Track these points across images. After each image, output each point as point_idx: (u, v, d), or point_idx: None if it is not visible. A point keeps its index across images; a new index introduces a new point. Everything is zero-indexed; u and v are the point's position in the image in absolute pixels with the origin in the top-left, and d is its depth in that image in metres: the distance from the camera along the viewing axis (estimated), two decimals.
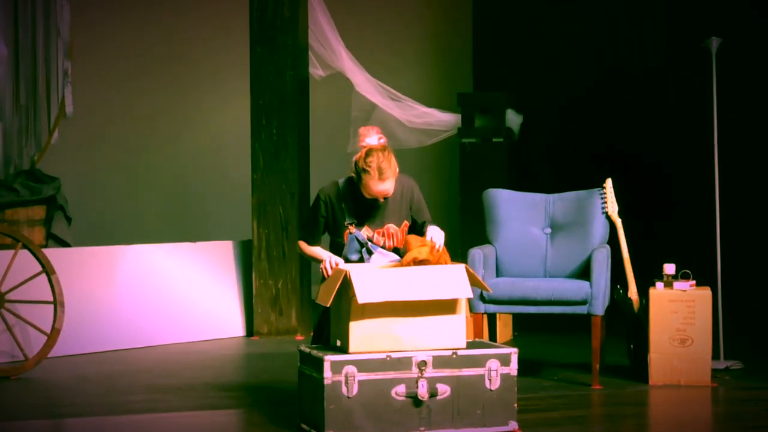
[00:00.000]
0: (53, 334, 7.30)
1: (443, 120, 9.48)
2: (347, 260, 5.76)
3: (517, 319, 8.59)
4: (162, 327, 8.49)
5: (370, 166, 5.62)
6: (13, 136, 8.44)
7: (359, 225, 5.76)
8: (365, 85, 9.33)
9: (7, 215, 7.97)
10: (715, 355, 7.01)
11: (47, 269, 7.33)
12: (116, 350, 8.16)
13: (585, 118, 10.15)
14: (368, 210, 5.76)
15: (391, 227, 5.78)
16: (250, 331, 8.98)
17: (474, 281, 5.53)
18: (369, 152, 5.65)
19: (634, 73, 10.03)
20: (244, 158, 9.17)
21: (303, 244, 5.88)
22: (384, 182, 5.64)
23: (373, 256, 5.75)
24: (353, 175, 5.71)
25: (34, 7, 8.41)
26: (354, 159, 5.70)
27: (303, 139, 9.03)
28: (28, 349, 7.38)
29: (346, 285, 5.38)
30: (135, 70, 10.67)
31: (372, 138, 5.70)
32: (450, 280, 5.44)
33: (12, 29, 8.43)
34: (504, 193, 7.18)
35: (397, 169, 5.70)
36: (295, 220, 8.84)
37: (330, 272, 5.57)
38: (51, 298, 7.34)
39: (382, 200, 5.72)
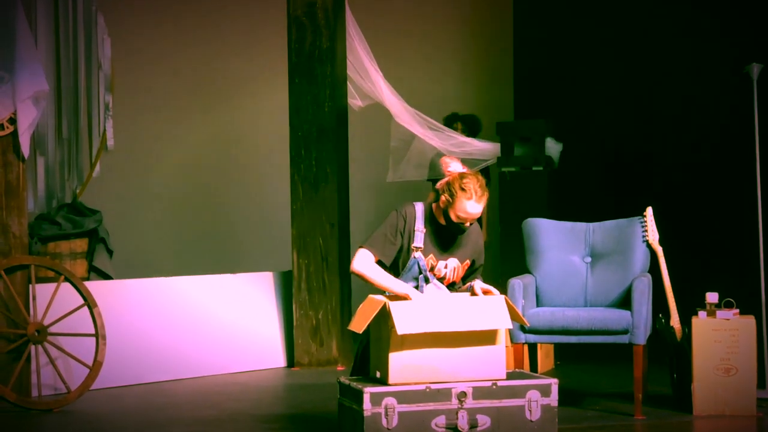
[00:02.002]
0: (95, 367, 7.33)
1: (483, 149, 9.47)
2: None
3: (559, 348, 8.54)
4: (203, 359, 8.51)
5: (468, 187, 5.65)
6: (55, 169, 8.51)
7: (425, 253, 5.76)
8: (404, 114, 9.35)
9: (49, 248, 8.04)
10: (761, 385, 6.93)
11: (89, 302, 7.37)
12: (158, 382, 8.18)
13: (625, 146, 10.11)
14: (444, 239, 5.76)
15: (454, 261, 5.78)
16: (290, 361, 8.99)
17: (513, 315, 5.50)
18: (464, 175, 5.70)
19: (674, 100, 9.98)
20: (284, 189, 9.20)
21: (362, 260, 5.66)
22: (480, 203, 5.67)
23: (428, 285, 5.75)
24: (445, 198, 5.69)
25: (76, 42, 8.50)
26: (443, 183, 5.71)
27: (342, 169, 9.04)
28: (71, 381, 7.42)
29: (386, 316, 5.37)
30: (175, 103, 10.75)
31: (457, 165, 5.75)
32: (489, 311, 5.42)
33: (54, 64, 8.52)
34: (543, 222, 7.16)
35: None
36: (335, 251, 8.85)
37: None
38: (93, 331, 7.38)
39: (468, 225, 5.72)
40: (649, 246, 6.92)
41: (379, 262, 5.72)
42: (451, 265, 5.76)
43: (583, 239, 7.10)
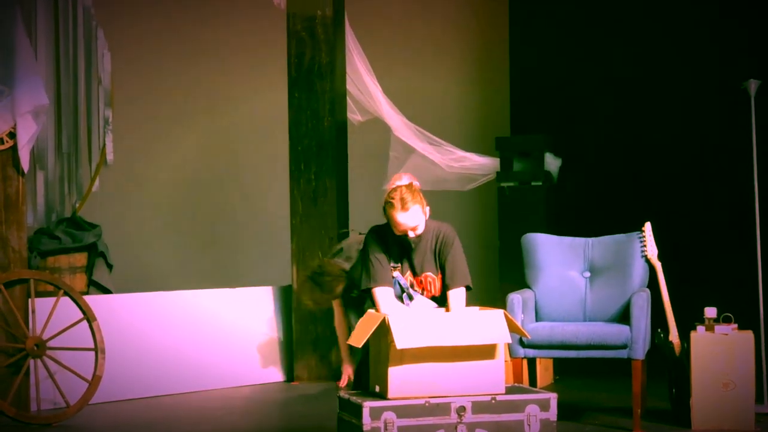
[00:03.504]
0: (94, 381, 7.33)
1: (482, 164, 9.49)
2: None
3: (558, 363, 8.54)
4: (202, 373, 8.50)
5: (393, 198, 5.66)
6: (55, 183, 8.53)
7: (402, 271, 5.77)
8: (403, 129, 9.37)
9: (49, 262, 8.04)
10: (759, 399, 6.94)
11: (88, 316, 7.37)
12: (157, 396, 8.18)
13: (624, 161, 10.12)
14: (403, 254, 5.77)
15: (429, 275, 5.78)
16: (290, 376, 8.99)
17: (512, 327, 5.51)
18: (393, 188, 5.71)
19: (673, 115, 10.01)
20: (284, 203, 9.21)
21: (386, 301, 5.65)
22: (407, 212, 5.64)
23: (413, 301, 5.75)
24: (384, 216, 5.73)
25: (76, 57, 8.52)
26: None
27: (342, 183, 9.06)
28: (70, 395, 7.41)
29: (385, 330, 5.38)
30: (175, 117, 10.77)
31: (402, 180, 5.74)
32: (489, 326, 5.43)
33: (54, 78, 8.54)
34: (542, 237, 7.17)
35: (428, 209, 5.71)
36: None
37: None
38: (92, 345, 7.38)
39: (411, 236, 5.70)
40: (647, 261, 6.94)
41: None
42: (428, 280, 5.76)
43: (581, 254, 7.11)
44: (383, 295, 5.69)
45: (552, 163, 9.39)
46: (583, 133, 10.22)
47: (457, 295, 5.69)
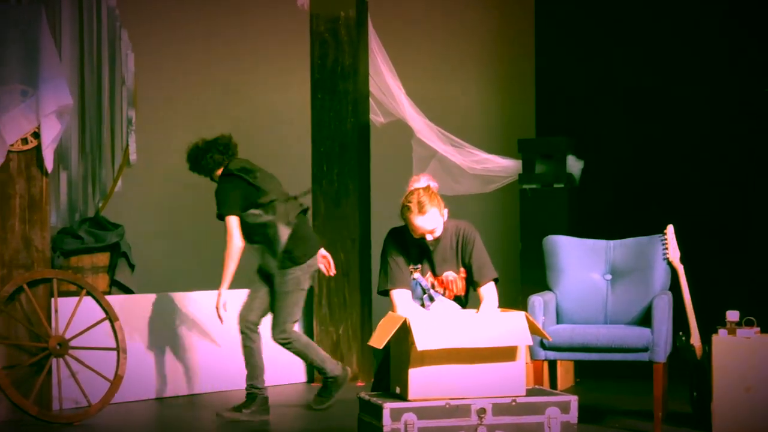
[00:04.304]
0: (116, 381, 7.36)
1: (504, 166, 9.48)
2: None
3: (579, 365, 8.52)
4: (223, 373, 8.52)
5: (410, 202, 5.67)
6: (78, 183, 8.56)
7: (422, 272, 5.77)
8: (426, 131, 9.37)
9: (71, 262, 8.08)
10: None
11: (110, 316, 7.40)
12: (178, 396, 8.21)
13: (646, 164, 10.09)
14: (423, 255, 5.77)
15: (450, 275, 5.78)
16: (311, 377, 9.00)
17: (534, 329, 5.51)
18: (411, 192, 5.71)
19: (697, 117, 9.97)
20: (306, 204, 9.20)
21: (403, 303, 5.68)
22: (424, 216, 5.64)
23: (434, 303, 5.75)
24: (402, 219, 5.74)
25: (100, 57, 8.55)
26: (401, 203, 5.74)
27: (364, 185, 9.07)
28: (92, 395, 7.44)
29: (406, 332, 5.38)
30: (198, 118, 10.79)
31: (420, 183, 5.75)
32: (510, 328, 5.42)
33: (78, 79, 8.57)
34: (564, 239, 7.16)
35: (446, 211, 5.71)
36: (356, 267, 8.86)
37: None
38: (114, 345, 7.41)
39: (429, 240, 5.70)
40: (669, 264, 6.92)
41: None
42: (448, 278, 5.76)
43: (603, 257, 7.10)
44: (401, 297, 5.71)
45: (574, 165, 9.37)
46: (607, 135, 10.19)
47: (489, 290, 5.74)
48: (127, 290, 8.27)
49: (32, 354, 7.31)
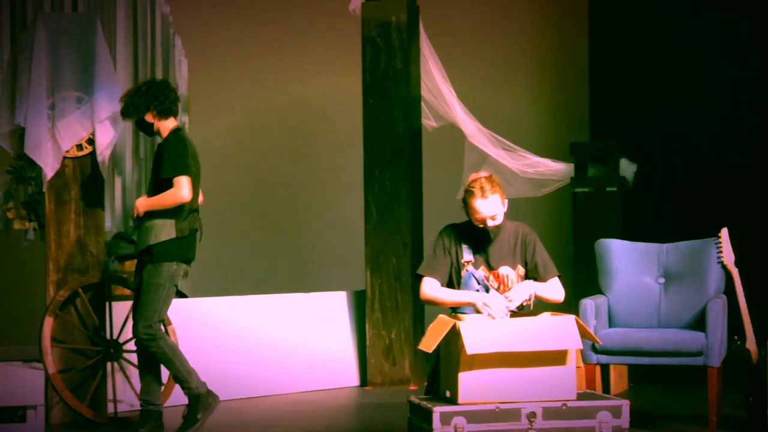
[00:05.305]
0: (169, 384, 7.41)
1: (556, 169, 9.44)
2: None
3: (633, 370, 8.46)
4: (276, 377, 8.56)
5: (473, 187, 5.74)
6: (132, 189, 8.63)
7: (476, 266, 5.78)
8: (477, 135, 9.35)
9: (126, 267, 8.14)
10: None
11: (163, 320, 7.44)
12: (231, 400, 8.24)
13: (700, 167, 10.02)
14: (479, 248, 5.79)
15: (508, 271, 5.77)
16: (363, 381, 9.01)
17: (584, 333, 5.48)
18: (474, 179, 5.79)
19: (752, 120, 9.88)
20: (358, 209, 9.24)
21: (429, 287, 5.79)
22: (486, 200, 5.70)
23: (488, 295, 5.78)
24: (464, 208, 5.80)
25: (154, 64, 8.61)
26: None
27: (416, 189, 9.07)
28: None
29: (455, 335, 5.37)
30: (250, 123, 10.86)
31: (481, 174, 5.81)
32: (559, 331, 5.40)
33: (132, 85, 8.64)
34: (616, 243, 7.12)
35: (506, 201, 5.78)
36: (408, 271, 8.86)
37: (495, 313, 5.58)
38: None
39: (490, 225, 5.73)
40: (724, 267, 6.86)
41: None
42: (504, 273, 5.76)
43: (656, 260, 7.05)
44: (429, 284, 5.79)
45: (627, 168, 9.31)
46: (661, 138, 10.13)
47: (555, 283, 5.83)
48: (181, 294, 8.32)
49: (87, 358, 7.39)
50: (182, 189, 6.78)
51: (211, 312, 8.33)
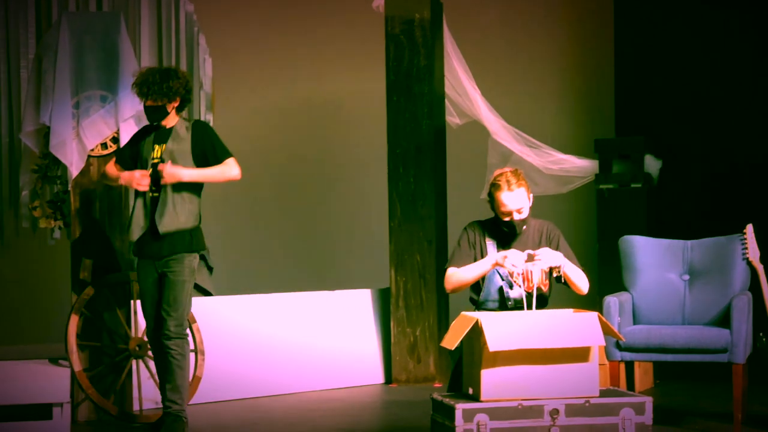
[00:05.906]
0: (194, 382, 7.44)
1: (580, 166, 9.41)
2: (487, 299, 5.84)
3: (659, 366, 8.43)
4: (300, 374, 8.58)
5: (499, 180, 5.80)
6: None
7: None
8: (502, 132, 9.33)
9: None
10: None
11: (189, 318, 7.47)
12: (255, 398, 8.27)
13: (725, 163, 9.97)
14: (503, 244, 5.80)
15: (543, 254, 5.78)
16: (388, 378, 9.02)
17: (607, 329, 5.47)
18: (500, 173, 5.85)
19: None
20: (382, 206, 9.25)
21: (450, 273, 5.88)
22: (512, 192, 5.75)
23: (513, 290, 5.77)
24: (490, 202, 5.85)
25: (178, 62, 8.64)
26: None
27: (440, 186, 9.07)
28: None
29: (478, 332, 5.37)
30: (274, 122, 10.88)
31: (504, 169, 5.84)
32: (582, 328, 5.39)
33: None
34: (640, 239, 7.10)
35: (531, 195, 5.84)
36: (432, 268, 8.86)
37: (514, 267, 5.66)
38: (192, 347, 7.48)
39: (516, 218, 5.74)
40: (749, 264, 6.82)
41: None
42: (530, 267, 5.75)
43: (680, 257, 7.02)
44: (451, 272, 5.89)
45: (652, 164, 9.28)
46: (686, 134, 10.08)
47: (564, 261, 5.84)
48: (206, 292, 8.33)
49: (113, 356, 7.42)
50: (237, 168, 6.98)
51: (236, 310, 8.35)
